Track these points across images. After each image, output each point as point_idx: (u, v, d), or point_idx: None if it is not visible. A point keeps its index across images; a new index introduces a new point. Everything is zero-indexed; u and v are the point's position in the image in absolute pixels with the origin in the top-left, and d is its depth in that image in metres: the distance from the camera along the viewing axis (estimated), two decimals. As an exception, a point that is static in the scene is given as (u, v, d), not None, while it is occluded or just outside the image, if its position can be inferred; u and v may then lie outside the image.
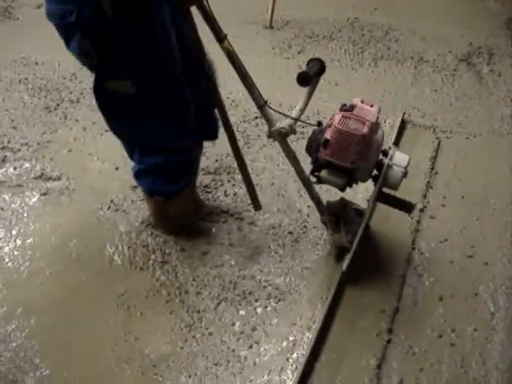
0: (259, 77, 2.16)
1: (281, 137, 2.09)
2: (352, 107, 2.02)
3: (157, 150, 2.22)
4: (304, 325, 2.07)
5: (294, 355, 1.97)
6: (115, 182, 2.74)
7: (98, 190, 2.67)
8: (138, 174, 2.34)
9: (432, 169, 2.81)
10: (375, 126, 2.03)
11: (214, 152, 2.50)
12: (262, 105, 2.09)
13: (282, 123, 2.07)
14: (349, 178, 2.09)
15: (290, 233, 2.45)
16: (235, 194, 2.64)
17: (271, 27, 4.47)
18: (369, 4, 4.83)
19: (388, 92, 3.48)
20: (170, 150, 2.23)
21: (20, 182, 2.76)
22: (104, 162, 2.82)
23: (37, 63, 3.86)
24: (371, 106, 2.06)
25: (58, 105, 3.36)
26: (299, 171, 2.18)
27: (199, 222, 2.51)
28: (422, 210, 2.55)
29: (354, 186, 2.21)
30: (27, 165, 2.87)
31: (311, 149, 2.11)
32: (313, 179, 2.16)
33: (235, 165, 2.39)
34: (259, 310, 2.13)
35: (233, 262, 2.31)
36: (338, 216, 2.24)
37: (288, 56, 3.97)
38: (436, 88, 3.54)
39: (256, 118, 3.15)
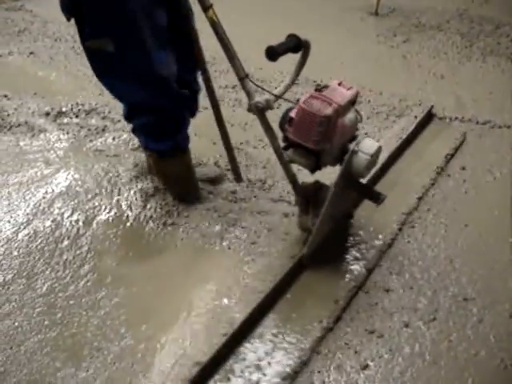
0: (361, 64, 2.10)
1: (258, 111, 2.05)
2: (324, 88, 1.97)
3: (141, 110, 2.31)
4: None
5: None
6: (212, 157, 2.78)
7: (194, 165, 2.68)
8: (133, 131, 2.48)
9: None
10: (343, 109, 1.94)
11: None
12: (242, 77, 2.06)
13: (260, 98, 2.04)
14: (316, 159, 2.02)
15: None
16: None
17: (376, 14, 4.37)
18: (480, -5, 4.66)
19: (496, 90, 3.32)
20: (152, 109, 2.29)
21: (117, 152, 2.82)
22: (201, 137, 2.83)
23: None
24: (348, 89, 1.99)
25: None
26: (276, 148, 2.11)
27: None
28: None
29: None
30: (125, 136, 2.93)
31: (282, 126, 2.05)
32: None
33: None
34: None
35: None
36: (309, 198, 2.19)
37: (392, 44, 3.85)
38: (548, 89, 3.35)
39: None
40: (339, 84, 1.99)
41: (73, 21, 2.07)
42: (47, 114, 3.09)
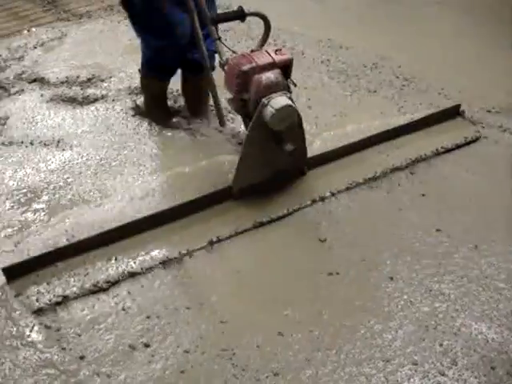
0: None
1: (221, 67, 2.55)
2: (257, 50, 2.42)
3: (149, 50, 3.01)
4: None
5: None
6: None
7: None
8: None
9: None
10: (260, 68, 2.33)
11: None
12: (215, 39, 2.56)
13: (224, 57, 2.52)
14: (244, 108, 2.42)
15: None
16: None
17: None
18: None
19: None
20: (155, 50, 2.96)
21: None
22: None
23: (341, 47, 3.97)
24: (281, 55, 2.36)
25: (355, 91, 3.41)
26: None
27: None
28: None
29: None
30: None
31: None
32: None
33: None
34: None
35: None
36: None
37: None
38: None
39: None
40: (276, 50, 2.39)
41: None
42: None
